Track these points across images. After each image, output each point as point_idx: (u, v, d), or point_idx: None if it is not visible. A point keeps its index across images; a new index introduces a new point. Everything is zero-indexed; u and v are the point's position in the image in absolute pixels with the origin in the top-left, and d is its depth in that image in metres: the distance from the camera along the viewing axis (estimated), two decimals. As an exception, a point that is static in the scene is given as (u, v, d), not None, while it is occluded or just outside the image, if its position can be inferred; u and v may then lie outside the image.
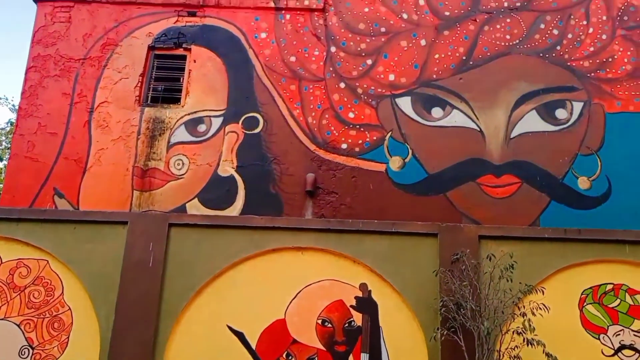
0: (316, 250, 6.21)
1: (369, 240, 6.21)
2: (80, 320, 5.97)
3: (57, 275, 6.12)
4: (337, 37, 8.70)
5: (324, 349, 5.88)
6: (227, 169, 8.03)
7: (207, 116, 8.29)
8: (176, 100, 8.43)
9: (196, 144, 8.17)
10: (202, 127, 8.25)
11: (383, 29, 8.75)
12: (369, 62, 8.59)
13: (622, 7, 8.94)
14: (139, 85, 8.44)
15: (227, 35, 8.66)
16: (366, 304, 5.98)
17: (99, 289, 6.04)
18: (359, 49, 8.65)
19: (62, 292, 6.08)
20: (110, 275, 6.07)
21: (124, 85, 8.45)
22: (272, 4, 8.80)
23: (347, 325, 5.94)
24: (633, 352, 5.48)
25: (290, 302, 6.01)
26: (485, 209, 7.89)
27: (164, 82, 8.54)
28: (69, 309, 6.01)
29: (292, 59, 8.58)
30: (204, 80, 8.45)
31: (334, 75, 8.53)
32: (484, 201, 7.96)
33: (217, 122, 8.27)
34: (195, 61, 8.54)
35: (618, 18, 8.88)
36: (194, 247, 6.25)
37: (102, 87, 8.48)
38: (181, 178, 7.99)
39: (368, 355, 5.82)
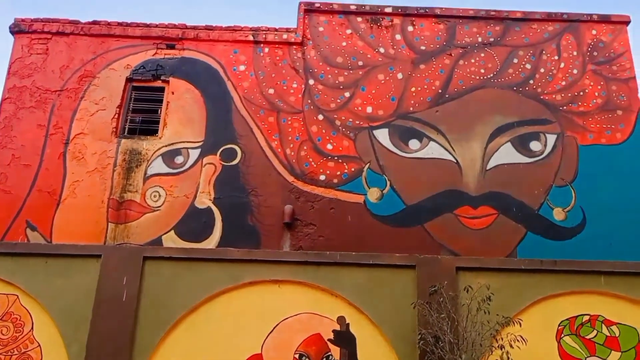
0: (293, 283, 6.16)
1: (347, 273, 6.18)
2: (50, 357, 5.80)
3: (27, 310, 5.96)
4: (316, 70, 8.80)
5: (301, 383, 5.76)
6: (205, 201, 7.97)
7: (184, 148, 8.26)
8: (153, 132, 8.41)
9: (173, 176, 8.11)
10: (179, 159, 8.21)
11: (361, 63, 8.88)
12: (347, 94, 8.69)
13: (592, 43, 9.23)
14: (116, 116, 8.40)
15: (206, 68, 8.71)
16: (344, 338, 5.90)
17: (70, 325, 5.88)
18: (337, 81, 8.76)
19: (32, 328, 5.91)
20: (82, 310, 5.93)
21: (100, 116, 8.40)
22: (250, 38, 8.89)
23: (325, 359, 5.84)
24: (610, 384, 5.48)
25: (267, 337, 5.92)
26: (463, 240, 7.92)
27: (141, 113, 8.52)
28: (39, 345, 5.83)
29: (271, 91, 8.64)
30: (182, 111, 8.46)
31: (312, 107, 8.59)
32: (461, 232, 7.99)
33: (194, 154, 8.24)
34: (173, 93, 8.55)
35: (588, 53, 9.15)
36: (169, 280, 6.15)
37: (79, 119, 8.42)
38: (157, 210, 7.90)
39: (346, 389, 5.72)
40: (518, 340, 5.28)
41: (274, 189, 8.08)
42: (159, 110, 8.51)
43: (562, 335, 5.67)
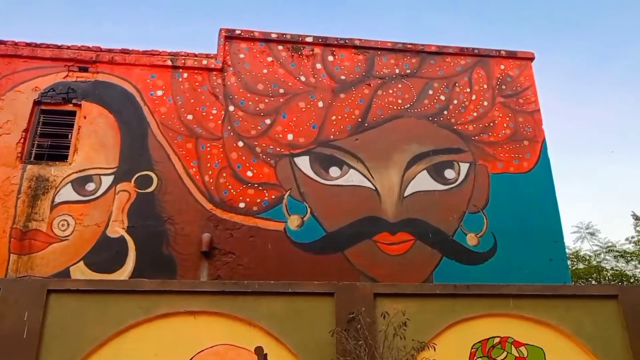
0: (210, 314, 5.93)
1: (265, 302, 6.04)
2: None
3: None
4: (236, 97, 8.75)
5: (216, 420, 5.53)
6: (117, 230, 7.63)
7: (96, 174, 7.91)
8: (63, 158, 8.00)
9: (84, 204, 7.72)
10: (90, 186, 7.84)
11: (282, 90, 8.92)
12: (268, 121, 8.68)
13: (500, 77, 9.77)
14: (22, 141, 7.93)
15: (121, 92, 8.44)
16: (261, 369, 5.74)
17: (-36, 366, 5.36)
18: (257, 108, 8.74)
19: None
20: (-24, 350, 5.42)
21: (4, 141, 7.90)
22: (169, 62, 8.73)
23: (241, 391, 5.64)
24: (520, 404, 5.64)
25: (181, 371, 5.64)
26: (382, 267, 8.02)
27: (50, 138, 8.10)
28: None
29: (189, 117, 8.48)
30: (95, 136, 8.12)
31: (232, 133, 8.50)
32: (380, 258, 8.10)
33: (107, 181, 7.90)
34: (85, 117, 8.21)
35: (497, 86, 9.68)
36: (76, 314, 5.76)
37: (-20, 143, 7.87)
38: (65, 240, 7.47)
39: (263, 423, 5.54)
40: (433, 365, 5.34)
41: (192, 217, 7.88)
42: (70, 135, 8.13)
43: (475, 357, 5.80)
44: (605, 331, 6.04)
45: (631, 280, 16.31)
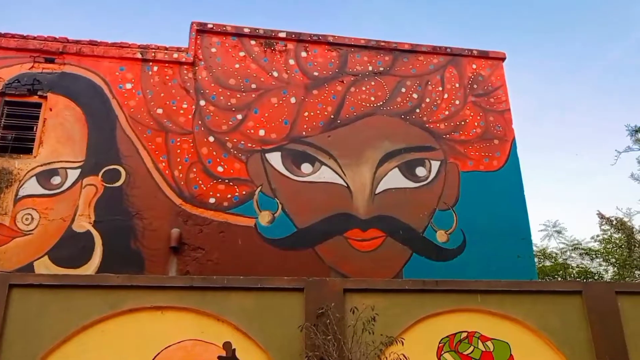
0: (178, 309, 5.85)
1: (235, 297, 5.98)
2: None
3: None
4: (207, 91, 8.66)
5: (183, 415, 5.46)
6: (84, 224, 7.48)
7: (62, 168, 7.73)
8: (28, 150, 7.80)
9: (49, 197, 7.55)
10: (56, 179, 7.66)
11: (254, 85, 8.86)
12: (239, 116, 8.61)
13: (472, 76, 9.87)
14: (-15, 133, 7.72)
15: (89, 84, 8.27)
16: (229, 364, 5.68)
17: None
18: (229, 103, 8.66)
19: None
20: None
21: (-34, 132, 7.68)
22: (138, 55, 8.59)
23: (208, 387, 5.58)
24: (487, 398, 5.70)
25: (147, 367, 5.55)
26: (352, 263, 8.03)
27: (14, 130, 7.88)
28: None
29: (159, 111, 8.36)
30: (61, 129, 7.94)
31: (203, 128, 8.41)
32: (351, 255, 8.11)
33: (73, 174, 7.73)
34: (51, 109, 8.02)
35: (469, 86, 9.78)
36: (39, 309, 5.62)
37: (-60, 135, 7.64)
38: (29, 234, 7.28)
39: (231, 418, 5.49)
40: (401, 359, 5.35)
41: (161, 212, 7.77)
42: (35, 128, 7.93)
43: (443, 352, 5.84)
44: (569, 326, 6.14)
45: (595, 277, 16.68)
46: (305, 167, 8.57)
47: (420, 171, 8.94)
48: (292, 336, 5.79)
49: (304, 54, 9.30)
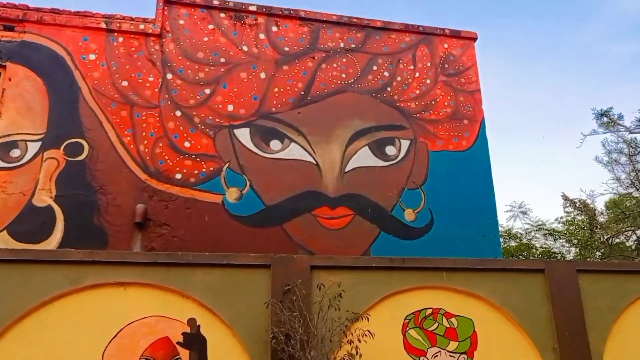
0: (141, 285, 5.74)
1: (200, 274, 5.90)
2: None
3: None
4: (174, 64, 8.44)
5: (146, 390, 5.40)
6: (44, 199, 7.26)
7: (22, 140, 7.47)
8: (-15, 122, 7.51)
9: (8, 171, 7.29)
10: (15, 152, 7.40)
11: (223, 59, 8.67)
12: (207, 91, 8.43)
13: (444, 56, 9.85)
14: (-61, 102, 7.39)
15: (50, 54, 7.96)
16: (194, 340, 5.63)
17: None
18: (197, 77, 8.46)
19: None
20: None
21: None
22: (103, 25, 8.30)
23: (172, 363, 5.52)
24: (449, 372, 5.79)
25: (109, 342, 5.45)
26: (321, 240, 8.02)
27: (-30, 100, 7.57)
28: None
29: (124, 83, 8.12)
30: (20, 100, 7.64)
31: (169, 102, 8.21)
32: (319, 232, 8.09)
33: (34, 147, 7.48)
34: (10, 79, 7.70)
35: (440, 65, 9.77)
36: (-5, 285, 5.45)
37: None
38: (-13, 208, 7.04)
39: (194, 393, 5.46)
40: (366, 335, 5.38)
41: (125, 187, 7.59)
42: (-7, 98, 7.63)
43: (408, 328, 5.89)
44: (532, 303, 6.26)
45: (558, 257, 17.12)
46: (274, 144, 8.47)
47: (390, 150, 8.93)
48: (257, 313, 5.76)
49: (274, 29, 9.13)
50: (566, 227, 18.28)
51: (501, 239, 14.05)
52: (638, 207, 15.95)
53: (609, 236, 16.10)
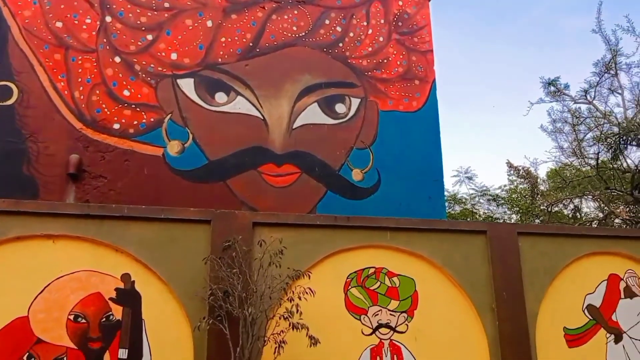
0: (71, 238, 5.44)
1: (135, 228, 5.63)
2: None
3: None
4: (114, 7, 7.90)
5: (75, 347, 5.16)
6: (-33, 145, 6.75)
7: (-59, 80, 6.88)
8: None
9: None
10: None
11: (167, 4, 8.18)
12: (150, 37, 7.96)
13: (398, 13, 9.64)
14: None
15: (-26, -13, 7.31)
16: (127, 296, 5.40)
17: None
18: (138, 22, 7.96)
19: None
20: None
21: None
22: (35, -42, 7.65)
23: (104, 319, 5.30)
24: (388, 330, 5.80)
25: (36, 297, 5.17)
26: (265, 198, 7.83)
27: None
28: None
29: (59, 24, 7.55)
30: (-61, 36, 7.01)
31: (108, 47, 7.71)
32: (264, 190, 7.90)
33: (-45, 88, 6.91)
34: None
35: (394, 23, 9.55)
36: None
37: None
38: None
39: (127, 350, 5.26)
40: (307, 293, 5.29)
41: (58, 136, 7.15)
42: None
43: (350, 287, 5.85)
44: (472, 263, 6.31)
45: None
46: (220, 97, 8.13)
47: (339, 107, 8.75)
48: (195, 269, 5.57)
49: (223, -25, 8.66)
50: (509, 195, 18.76)
51: (446, 204, 14.26)
52: (577, 176, 16.48)
53: (548, 204, 16.62)
